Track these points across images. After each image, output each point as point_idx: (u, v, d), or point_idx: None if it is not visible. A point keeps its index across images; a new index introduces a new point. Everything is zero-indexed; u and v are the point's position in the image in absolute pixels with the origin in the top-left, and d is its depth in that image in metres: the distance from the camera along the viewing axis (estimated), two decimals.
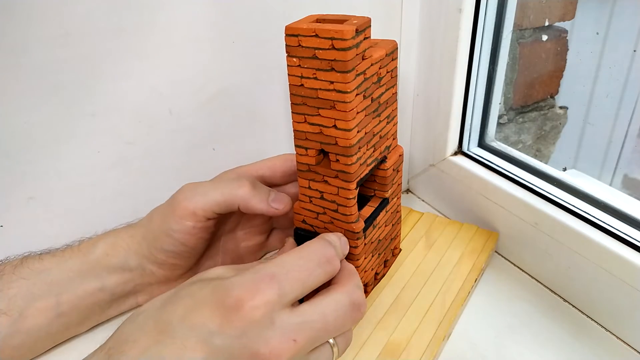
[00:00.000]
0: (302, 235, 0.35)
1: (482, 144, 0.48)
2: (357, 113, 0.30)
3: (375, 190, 0.37)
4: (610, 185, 0.74)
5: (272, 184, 0.39)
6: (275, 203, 0.36)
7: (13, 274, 0.34)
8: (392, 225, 0.40)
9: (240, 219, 0.41)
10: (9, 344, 0.33)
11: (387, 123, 0.35)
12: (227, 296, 0.25)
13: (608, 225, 0.36)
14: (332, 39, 0.27)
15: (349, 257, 0.35)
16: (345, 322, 0.28)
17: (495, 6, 0.42)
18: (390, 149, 0.37)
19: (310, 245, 0.29)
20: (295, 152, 0.33)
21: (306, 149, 0.32)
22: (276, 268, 0.26)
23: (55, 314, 0.34)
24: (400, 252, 0.43)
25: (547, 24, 0.64)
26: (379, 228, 0.37)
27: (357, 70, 0.28)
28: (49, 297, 0.34)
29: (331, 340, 0.28)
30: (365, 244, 0.35)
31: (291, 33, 0.28)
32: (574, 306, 0.39)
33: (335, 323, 0.27)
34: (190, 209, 0.34)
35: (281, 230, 0.44)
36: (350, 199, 0.32)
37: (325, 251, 0.29)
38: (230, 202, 0.35)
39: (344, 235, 0.33)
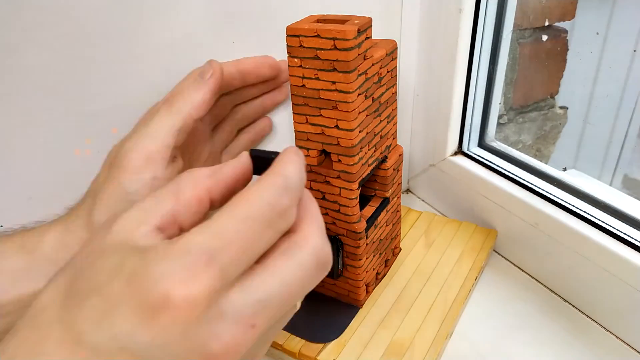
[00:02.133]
0: (259, 158, 0.26)
1: (482, 144, 0.48)
2: (359, 113, 0.30)
3: (376, 190, 0.38)
4: (610, 185, 0.74)
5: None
6: (207, 75, 0.31)
7: None
8: (393, 224, 0.40)
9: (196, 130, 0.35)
10: None
11: (388, 123, 0.35)
12: (150, 291, 0.18)
13: (608, 225, 0.36)
14: (334, 39, 0.27)
15: (352, 258, 0.35)
16: (310, 285, 0.22)
17: (495, 6, 0.42)
18: (391, 148, 0.37)
19: (257, 197, 0.21)
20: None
21: (308, 149, 0.32)
22: (213, 241, 0.19)
23: None
24: (400, 251, 0.43)
25: (547, 24, 0.64)
26: (380, 228, 0.37)
27: (359, 71, 0.28)
28: None
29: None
30: (367, 244, 0.35)
31: (292, 33, 0.28)
32: (574, 306, 0.39)
33: (300, 291, 0.21)
34: (142, 158, 0.29)
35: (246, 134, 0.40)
36: (352, 199, 0.32)
37: (278, 202, 0.21)
38: (186, 122, 0.30)
39: (347, 235, 0.33)
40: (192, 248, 0.19)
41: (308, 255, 0.21)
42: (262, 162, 0.25)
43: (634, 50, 0.67)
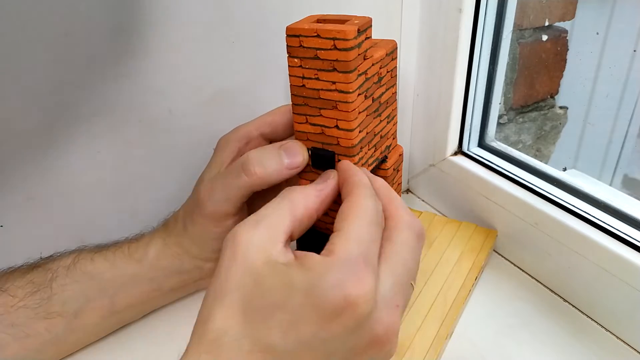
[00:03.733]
0: (320, 156, 0.31)
1: (482, 144, 0.48)
2: (359, 113, 0.30)
3: None
4: (610, 185, 0.74)
5: (274, 140, 0.37)
6: (290, 159, 0.32)
7: (66, 276, 0.34)
8: None
9: None
10: (65, 341, 0.34)
11: (388, 123, 0.35)
12: (331, 300, 0.22)
13: (608, 225, 0.36)
14: (334, 39, 0.27)
15: None
16: (419, 256, 0.26)
17: (495, 6, 0.42)
18: (391, 148, 0.37)
19: (367, 206, 0.26)
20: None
21: (308, 149, 0.32)
22: (360, 247, 0.24)
23: (110, 312, 0.35)
24: None
25: (547, 24, 0.64)
26: None
27: (359, 71, 0.28)
28: (103, 299, 0.34)
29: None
30: None
31: (292, 33, 0.28)
32: (574, 306, 0.39)
33: (414, 265, 0.26)
34: (220, 215, 0.34)
35: None
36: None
37: (377, 206, 0.26)
38: (250, 192, 0.33)
39: None
40: (349, 256, 0.23)
41: (407, 233, 0.26)
42: (321, 158, 0.31)
43: (634, 50, 0.67)
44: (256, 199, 0.38)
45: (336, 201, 0.33)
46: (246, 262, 0.24)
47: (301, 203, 0.27)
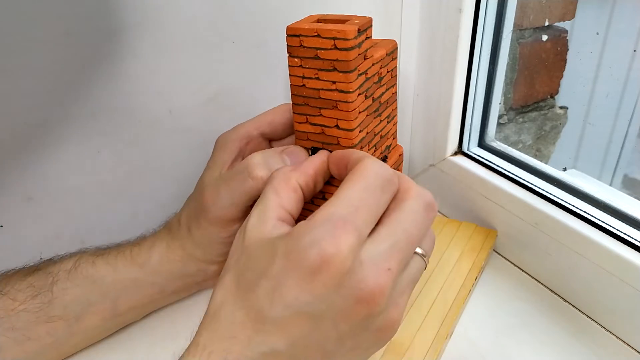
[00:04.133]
0: (317, 150, 0.32)
1: (482, 144, 0.48)
2: (359, 113, 0.30)
3: None
4: (610, 185, 0.74)
5: (273, 140, 0.37)
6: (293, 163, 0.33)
7: (67, 280, 0.34)
8: None
9: None
10: (66, 344, 0.34)
11: (388, 123, 0.35)
12: (307, 259, 0.23)
13: (608, 225, 0.36)
14: (334, 39, 0.27)
15: None
16: (425, 226, 0.26)
17: (495, 6, 0.42)
18: (391, 148, 0.37)
19: (369, 171, 0.26)
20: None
21: (308, 149, 0.32)
22: (344, 209, 0.24)
23: (111, 316, 0.35)
24: None
25: (547, 24, 0.64)
26: None
27: (359, 70, 0.28)
28: (105, 302, 0.34)
29: (419, 250, 0.27)
30: None
31: (293, 33, 0.28)
32: (574, 306, 0.39)
33: (417, 232, 0.26)
34: (226, 219, 0.34)
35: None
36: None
37: (384, 171, 0.26)
38: (255, 196, 0.33)
39: None
40: (329, 217, 0.24)
41: (414, 201, 0.26)
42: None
43: (634, 50, 0.67)
44: None
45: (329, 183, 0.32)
46: (243, 245, 0.26)
47: (280, 181, 0.28)
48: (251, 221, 0.27)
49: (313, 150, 0.32)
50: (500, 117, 0.66)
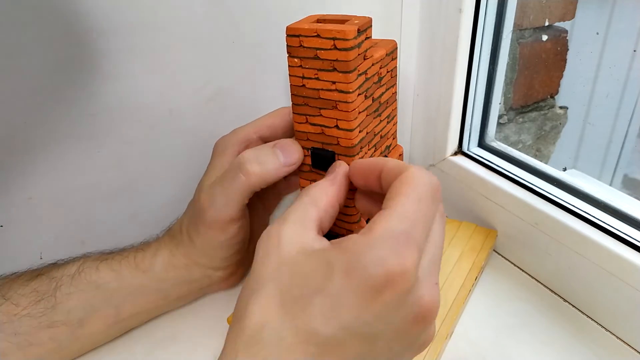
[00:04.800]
0: (321, 156, 0.32)
1: (482, 144, 0.48)
2: (359, 113, 0.30)
3: None
4: (610, 185, 0.74)
5: None
6: (285, 157, 0.32)
7: (71, 285, 0.33)
8: None
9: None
10: (69, 349, 0.34)
11: (388, 123, 0.35)
12: (371, 277, 0.21)
13: (608, 225, 0.36)
14: (334, 39, 0.27)
15: None
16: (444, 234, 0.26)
17: (495, 6, 0.42)
18: (391, 148, 0.37)
19: (418, 180, 0.25)
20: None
21: (308, 149, 0.32)
22: (403, 224, 0.23)
23: (115, 321, 0.35)
24: None
25: (547, 24, 0.64)
26: None
27: (358, 70, 0.28)
28: (109, 308, 0.34)
29: None
30: None
31: (292, 33, 0.28)
32: (574, 306, 0.39)
33: (443, 243, 0.26)
34: (223, 221, 0.33)
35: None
36: (352, 199, 0.32)
37: (432, 180, 0.25)
38: (250, 192, 0.33)
39: (346, 234, 0.33)
40: (390, 233, 0.22)
41: (440, 217, 0.26)
42: (321, 158, 0.31)
43: (634, 50, 0.67)
44: (257, 205, 0.38)
45: (349, 200, 0.33)
46: (280, 254, 0.24)
47: (320, 193, 0.27)
48: (288, 227, 0.25)
49: (313, 151, 0.32)
50: (500, 117, 0.66)
